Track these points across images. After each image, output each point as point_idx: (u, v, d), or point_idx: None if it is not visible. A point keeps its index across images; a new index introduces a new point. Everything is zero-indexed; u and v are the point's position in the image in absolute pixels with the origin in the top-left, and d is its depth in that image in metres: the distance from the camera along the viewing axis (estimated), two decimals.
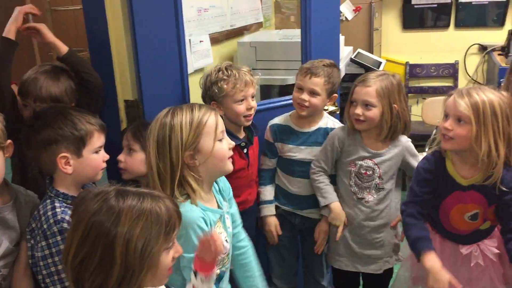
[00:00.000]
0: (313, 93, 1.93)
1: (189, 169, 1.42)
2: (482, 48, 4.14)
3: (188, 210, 1.39)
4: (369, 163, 1.92)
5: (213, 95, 1.86)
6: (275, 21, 3.92)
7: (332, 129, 2.00)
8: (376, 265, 1.99)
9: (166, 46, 1.84)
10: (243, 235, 1.69)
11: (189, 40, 2.29)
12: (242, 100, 1.85)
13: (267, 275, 2.16)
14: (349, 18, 3.77)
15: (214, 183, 1.56)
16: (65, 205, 1.41)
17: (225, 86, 1.83)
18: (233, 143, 1.52)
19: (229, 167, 1.50)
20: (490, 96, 1.56)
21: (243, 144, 1.91)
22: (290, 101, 2.05)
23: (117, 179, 1.68)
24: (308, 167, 2.02)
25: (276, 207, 2.10)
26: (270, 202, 2.07)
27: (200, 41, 2.44)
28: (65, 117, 1.45)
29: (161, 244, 1.07)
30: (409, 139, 1.95)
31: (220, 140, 1.46)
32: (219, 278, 1.52)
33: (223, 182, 1.61)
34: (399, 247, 2.03)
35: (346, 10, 3.78)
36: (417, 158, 1.92)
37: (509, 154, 1.59)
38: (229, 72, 1.84)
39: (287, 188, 2.07)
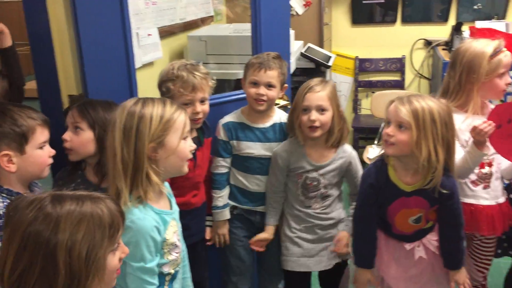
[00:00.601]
0: (270, 86, 1.94)
1: (150, 161, 1.39)
2: (427, 43, 4.16)
3: (141, 218, 1.36)
4: (314, 174, 1.94)
5: (162, 93, 1.83)
6: (227, 15, 3.89)
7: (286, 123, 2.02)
8: (328, 260, 2.02)
9: (112, 39, 1.78)
10: None
11: (137, 33, 2.24)
12: (188, 104, 1.81)
13: (224, 276, 2.15)
14: (300, 13, 3.79)
15: None
16: (9, 201, 1.35)
17: (172, 87, 1.80)
18: (194, 146, 1.51)
19: (186, 169, 1.49)
20: (429, 103, 1.63)
21: None
22: (243, 95, 2.04)
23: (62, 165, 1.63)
24: (266, 163, 2.02)
25: (234, 207, 2.09)
26: (224, 207, 2.04)
27: (148, 35, 2.38)
28: (4, 113, 1.39)
29: (106, 247, 1.03)
30: (353, 150, 2.01)
31: (185, 140, 1.45)
32: (172, 278, 1.50)
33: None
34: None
35: (297, 4, 3.80)
36: (359, 167, 2.00)
37: (448, 159, 1.66)
38: (178, 73, 1.81)
39: (245, 186, 2.06)
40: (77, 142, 1.61)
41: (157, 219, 1.40)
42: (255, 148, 2.02)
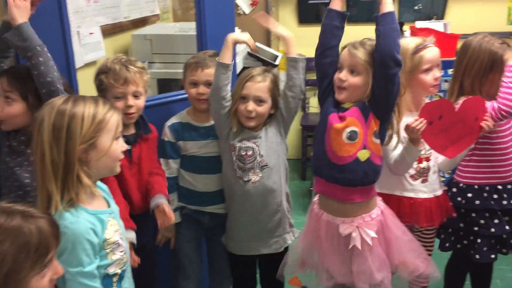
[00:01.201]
0: (209, 84, 1.94)
1: (81, 163, 1.34)
2: None
3: (74, 222, 1.30)
4: (247, 143, 1.93)
5: (97, 86, 1.82)
6: (173, 13, 3.85)
7: None
8: (276, 243, 2.02)
9: (50, 38, 1.73)
10: None
11: (78, 32, 2.18)
12: (120, 97, 1.79)
13: (173, 280, 2.13)
14: (247, 12, 3.80)
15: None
16: None
17: (104, 79, 1.78)
18: (126, 146, 1.48)
19: (118, 169, 1.46)
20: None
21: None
22: (182, 96, 2.05)
23: None
24: (213, 161, 2.00)
25: (183, 208, 2.07)
26: (174, 211, 2.00)
27: (90, 33, 2.32)
28: None
29: (29, 270, 0.97)
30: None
31: (117, 140, 1.42)
32: (120, 278, 1.46)
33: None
34: (292, 224, 2.09)
35: (243, 4, 3.81)
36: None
37: None
38: (111, 66, 1.79)
39: (194, 187, 2.04)
40: (8, 113, 1.59)
41: (92, 220, 1.35)
42: (201, 147, 2.00)
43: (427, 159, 2.00)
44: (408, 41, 1.98)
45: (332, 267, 1.85)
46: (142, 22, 3.08)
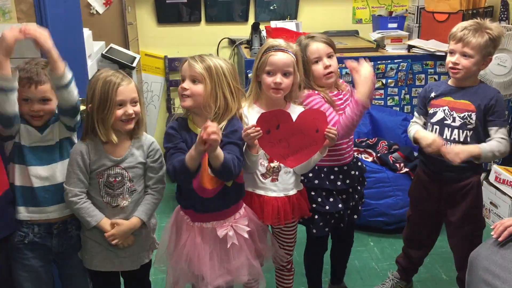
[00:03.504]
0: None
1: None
2: (232, 42, 4.37)
3: None
4: (116, 169, 1.88)
5: None
6: (17, 14, 3.53)
7: None
8: (133, 262, 1.99)
9: None
10: None
11: None
12: None
13: None
14: (100, 11, 3.62)
15: None
16: None
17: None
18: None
19: None
20: (217, 60, 1.85)
21: None
22: None
23: None
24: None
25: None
26: None
27: None
28: None
29: None
30: (152, 138, 1.99)
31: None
32: None
33: None
34: (154, 243, 2.07)
35: (96, 3, 3.60)
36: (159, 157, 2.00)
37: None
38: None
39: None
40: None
41: None
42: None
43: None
44: (268, 41, 2.04)
45: (209, 272, 1.88)
46: None
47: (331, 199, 2.21)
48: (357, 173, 2.28)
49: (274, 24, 3.92)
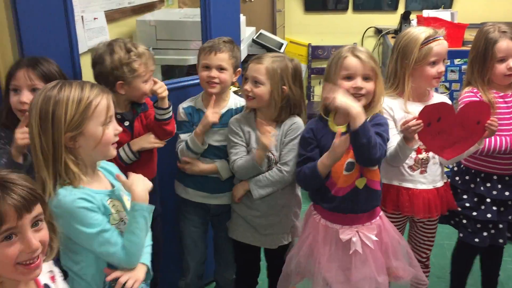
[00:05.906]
0: (221, 68, 1.96)
1: (68, 151, 1.31)
2: (378, 31, 4.24)
3: (66, 194, 1.28)
4: None
5: (121, 75, 1.78)
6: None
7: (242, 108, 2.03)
8: (272, 241, 2.03)
9: (53, 22, 1.74)
10: None
11: (82, 17, 2.16)
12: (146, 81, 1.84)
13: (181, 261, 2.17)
14: None
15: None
16: None
17: (136, 66, 1.79)
18: (120, 129, 1.43)
19: (112, 152, 1.41)
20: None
21: (119, 117, 1.82)
22: (194, 81, 2.07)
23: None
24: (221, 149, 2.02)
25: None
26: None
27: (95, 18, 2.31)
28: None
29: None
30: (297, 121, 1.98)
31: (108, 125, 1.36)
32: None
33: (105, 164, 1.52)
34: (296, 228, 2.07)
35: None
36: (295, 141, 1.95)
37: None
38: (141, 51, 1.81)
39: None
40: None
41: (89, 193, 1.33)
42: (211, 134, 2.02)
43: (427, 150, 1.98)
44: (419, 31, 1.94)
45: (329, 274, 1.81)
46: (146, 7, 3.05)
47: (483, 207, 2.09)
48: None
49: (426, 13, 3.70)
